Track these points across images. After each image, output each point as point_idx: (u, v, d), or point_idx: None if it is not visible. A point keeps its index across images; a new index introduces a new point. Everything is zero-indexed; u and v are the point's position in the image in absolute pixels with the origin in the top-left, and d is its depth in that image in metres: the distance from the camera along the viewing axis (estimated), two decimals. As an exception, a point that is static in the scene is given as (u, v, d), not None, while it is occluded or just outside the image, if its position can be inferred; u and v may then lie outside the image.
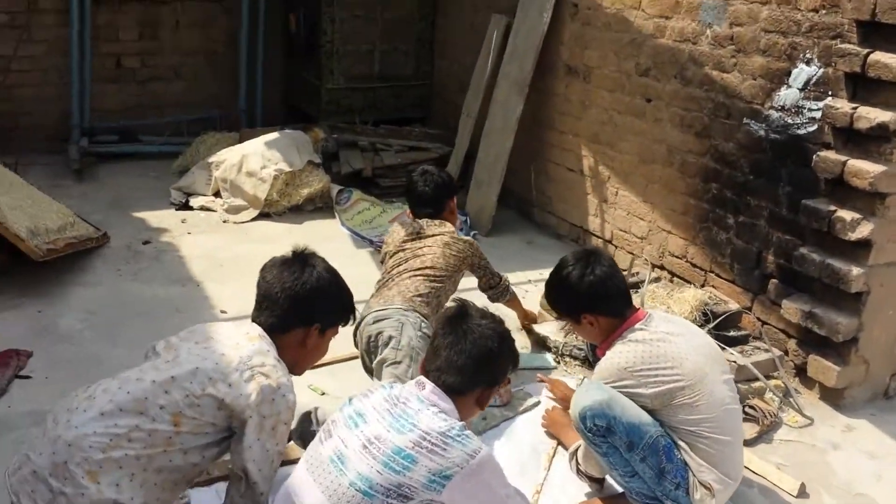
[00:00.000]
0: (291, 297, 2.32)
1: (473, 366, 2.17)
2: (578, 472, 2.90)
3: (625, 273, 4.28)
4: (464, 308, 2.29)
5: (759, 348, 3.73)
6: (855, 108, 3.28)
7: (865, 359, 3.51)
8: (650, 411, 2.60)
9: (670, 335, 2.63)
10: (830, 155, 3.40)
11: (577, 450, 2.89)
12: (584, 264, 2.69)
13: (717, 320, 3.74)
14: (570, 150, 5.26)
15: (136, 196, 5.87)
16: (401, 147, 6.36)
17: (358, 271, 4.79)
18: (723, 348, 3.59)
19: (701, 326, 3.71)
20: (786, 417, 3.46)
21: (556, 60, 5.26)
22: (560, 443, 3.14)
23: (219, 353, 2.21)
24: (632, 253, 4.75)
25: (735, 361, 3.54)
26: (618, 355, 2.62)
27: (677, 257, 4.43)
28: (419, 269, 3.34)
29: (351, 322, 2.54)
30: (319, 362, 2.90)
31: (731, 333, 3.76)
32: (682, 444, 2.61)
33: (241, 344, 2.25)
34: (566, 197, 5.36)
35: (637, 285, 4.18)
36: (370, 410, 2.12)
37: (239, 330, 2.34)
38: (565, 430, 3.13)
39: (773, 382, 3.60)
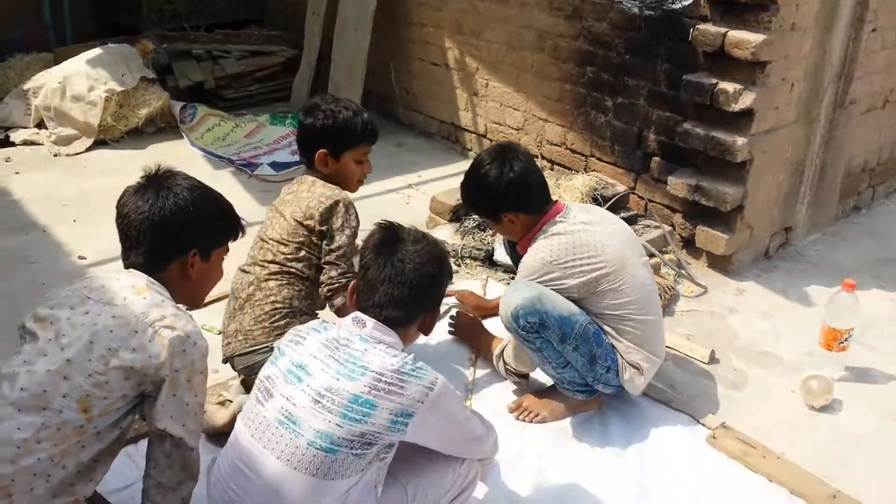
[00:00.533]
0: (153, 228, 1.99)
1: (415, 296, 2.00)
2: (507, 371, 2.87)
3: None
4: (394, 232, 2.08)
5: (648, 226, 3.83)
6: (732, -22, 3.29)
7: (750, 224, 3.68)
8: (576, 301, 2.59)
9: (589, 224, 2.61)
10: (710, 28, 3.43)
11: (503, 350, 2.85)
12: (500, 162, 2.58)
13: (608, 203, 3.78)
14: (432, 42, 5.03)
15: (-59, 137, 5.09)
16: (242, 53, 5.87)
17: (226, 196, 4.46)
18: (619, 230, 3.67)
19: (594, 211, 3.75)
20: (682, 289, 3.60)
21: (407, -53, 4.96)
22: (475, 347, 3.10)
23: (109, 317, 1.90)
24: (507, 144, 4.68)
25: (633, 242, 3.61)
26: (541, 250, 2.57)
27: (556, 145, 4.41)
28: None
29: (241, 235, 2.21)
30: (212, 297, 2.67)
31: (622, 215, 3.77)
32: (608, 328, 2.64)
33: (129, 299, 1.94)
34: (433, 93, 5.17)
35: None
36: (311, 360, 1.91)
37: (120, 283, 2.00)
38: (477, 333, 3.10)
39: (666, 257, 3.71)
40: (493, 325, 3.09)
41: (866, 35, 3.73)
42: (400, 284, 1.97)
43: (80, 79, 5.12)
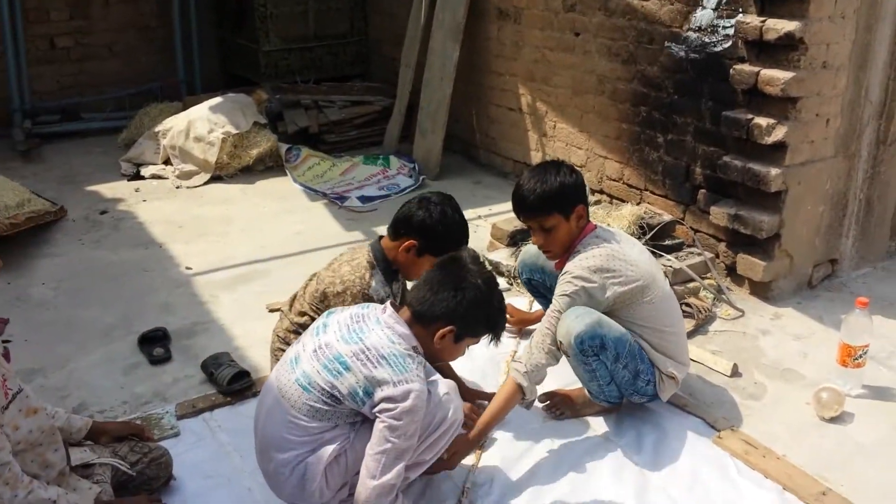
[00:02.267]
0: None
1: (445, 297, 2.23)
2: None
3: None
4: (457, 255, 2.39)
5: (692, 253, 4.05)
6: (763, 21, 3.55)
7: (789, 253, 3.84)
8: (607, 314, 2.79)
9: (620, 243, 2.85)
10: (745, 67, 3.68)
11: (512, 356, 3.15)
12: (556, 167, 2.83)
13: (653, 231, 4.04)
14: (507, 90, 5.48)
15: (86, 171, 5.94)
16: (344, 102, 6.50)
17: (316, 224, 5.03)
18: (659, 255, 3.92)
19: (639, 238, 4.01)
20: (719, 312, 3.79)
21: (487, 5, 5.45)
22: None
23: None
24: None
25: (671, 266, 3.85)
26: (586, 259, 2.75)
27: (614, 180, 4.71)
28: None
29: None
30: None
31: (667, 242, 4.06)
32: (644, 343, 2.85)
33: None
34: (508, 136, 5.59)
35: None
36: (334, 323, 2.30)
37: None
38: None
39: (706, 282, 3.92)
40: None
41: (909, 74, 3.87)
42: (440, 283, 2.28)
43: (203, 122, 5.87)
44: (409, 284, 2.88)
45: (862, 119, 3.82)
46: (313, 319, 2.66)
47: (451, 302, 2.24)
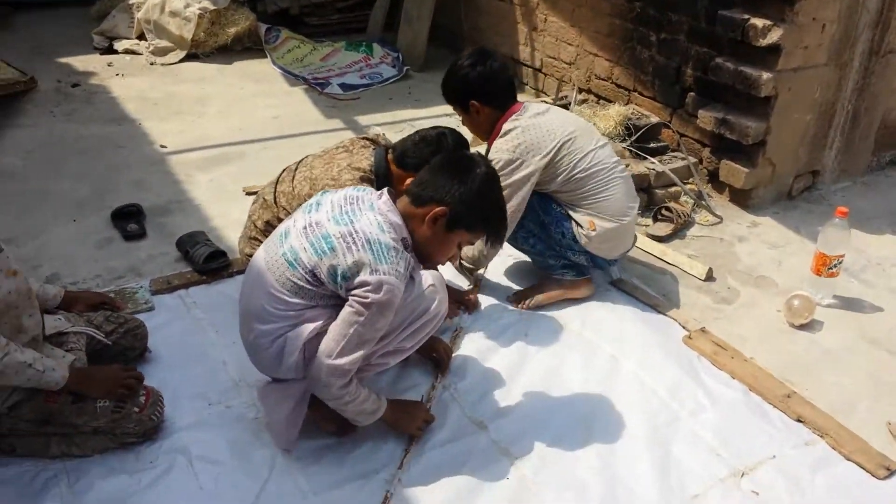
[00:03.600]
0: None
1: (446, 181, 2.16)
2: (461, 266, 3.19)
3: (553, 97, 4.49)
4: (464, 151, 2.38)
5: (676, 157, 4.02)
6: (769, -83, 3.42)
7: (772, 161, 3.82)
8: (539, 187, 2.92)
9: (541, 114, 2.92)
10: (745, -35, 3.57)
11: None
12: (477, 58, 2.89)
13: (639, 133, 3.99)
14: (498, -21, 5.29)
15: (58, 42, 5.72)
16: (327, -16, 6.25)
17: (295, 109, 4.91)
18: (643, 157, 3.89)
19: (623, 139, 3.98)
20: (698, 217, 3.80)
21: None
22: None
23: None
24: (560, 79, 4.92)
25: (654, 168, 3.83)
26: (500, 149, 2.86)
27: (603, 79, 4.62)
28: None
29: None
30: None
31: (652, 145, 4.02)
32: (564, 202, 2.96)
33: None
34: (497, 28, 5.43)
35: (565, 107, 4.37)
36: (327, 202, 2.23)
37: None
38: None
39: (688, 187, 3.91)
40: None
41: (911, -17, 3.78)
42: (463, 197, 2.16)
43: (179, -4, 5.62)
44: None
45: (857, 27, 3.73)
46: None
47: (451, 185, 2.16)
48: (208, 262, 3.15)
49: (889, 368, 2.88)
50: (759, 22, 3.53)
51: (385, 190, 2.24)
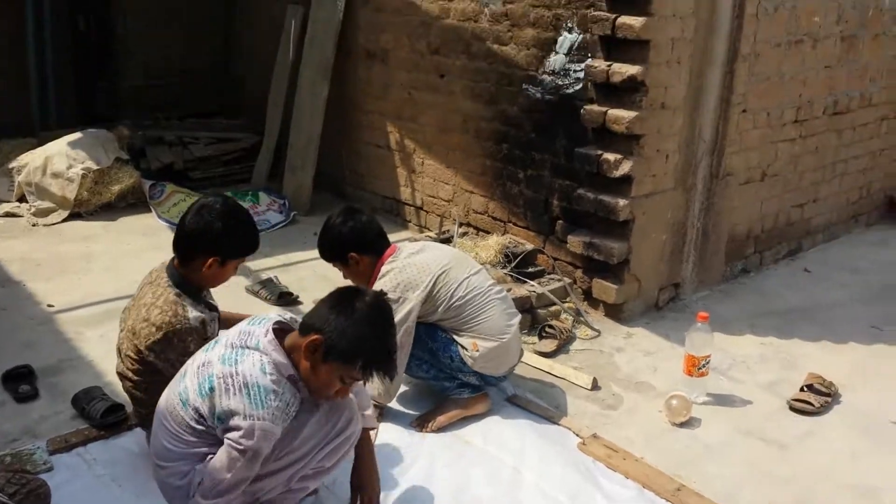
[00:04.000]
0: None
1: (327, 308, 2.21)
2: None
3: (436, 232, 4.79)
4: (358, 288, 2.36)
5: (553, 279, 4.35)
6: (610, 66, 3.93)
7: (637, 277, 4.21)
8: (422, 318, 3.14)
9: (416, 254, 3.20)
10: (594, 107, 4.05)
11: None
12: (345, 216, 3.17)
13: (517, 259, 4.31)
14: (377, 127, 5.67)
15: (-70, 209, 5.60)
16: (209, 139, 6.48)
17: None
18: (524, 281, 4.20)
19: (504, 266, 4.29)
20: (579, 332, 4.09)
21: (356, 45, 5.65)
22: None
23: None
24: (441, 215, 5.25)
25: (534, 291, 4.13)
26: (382, 283, 3.08)
27: (480, 213, 4.98)
28: None
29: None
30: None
31: (530, 269, 4.35)
32: (448, 329, 3.18)
33: None
34: (378, 172, 5.77)
35: (448, 240, 4.68)
36: (223, 338, 2.30)
37: None
38: None
39: (566, 305, 4.22)
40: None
41: (736, 115, 4.37)
42: (342, 334, 2.18)
43: (61, 158, 5.67)
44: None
45: (696, 155, 4.27)
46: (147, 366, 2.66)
47: (330, 315, 2.17)
48: (106, 416, 3.12)
49: (765, 457, 3.16)
50: (611, 156, 3.99)
51: (271, 327, 2.26)
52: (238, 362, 2.18)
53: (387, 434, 3.18)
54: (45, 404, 3.32)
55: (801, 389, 3.51)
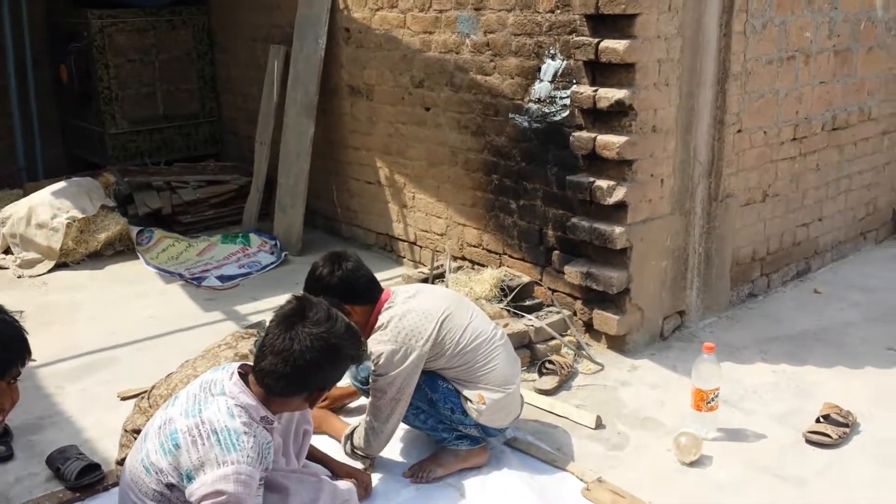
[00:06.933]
0: None
1: (297, 375, 2.11)
2: (354, 453, 3.08)
3: (430, 267, 4.63)
4: (301, 308, 2.20)
5: (552, 312, 4.17)
6: (595, 91, 3.80)
7: (639, 306, 4.03)
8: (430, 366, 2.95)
9: (412, 298, 2.98)
10: (583, 134, 3.91)
11: (351, 433, 3.10)
12: (332, 263, 2.92)
13: (514, 293, 4.15)
14: (365, 164, 5.55)
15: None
16: (198, 182, 6.36)
17: (171, 307, 4.83)
18: (521, 315, 4.02)
19: (500, 301, 4.12)
20: (580, 367, 3.91)
21: (339, 82, 5.55)
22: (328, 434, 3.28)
23: None
24: (435, 249, 5.10)
25: (532, 325, 3.95)
26: (380, 335, 2.88)
27: (474, 246, 4.83)
28: None
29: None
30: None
31: (527, 303, 4.18)
32: (450, 378, 2.98)
33: None
34: (369, 208, 5.64)
35: (441, 275, 4.52)
36: (184, 393, 2.15)
37: None
38: (328, 421, 3.32)
39: (566, 339, 4.05)
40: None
41: (731, 135, 4.23)
42: (284, 361, 2.10)
43: (45, 208, 5.57)
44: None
45: (693, 178, 4.12)
46: None
47: (265, 351, 2.13)
48: (81, 477, 2.96)
49: (781, 495, 2.96)
50: (603, 183, 3.84)
51: (236, 370, 2.14)
52: (202, 410, 2.03)
53: (375, 483, 3.00)
54: (19, 465, 3.17)
55: (818, 420, 3.31)
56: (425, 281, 4.38)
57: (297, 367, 2.09)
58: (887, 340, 4.19)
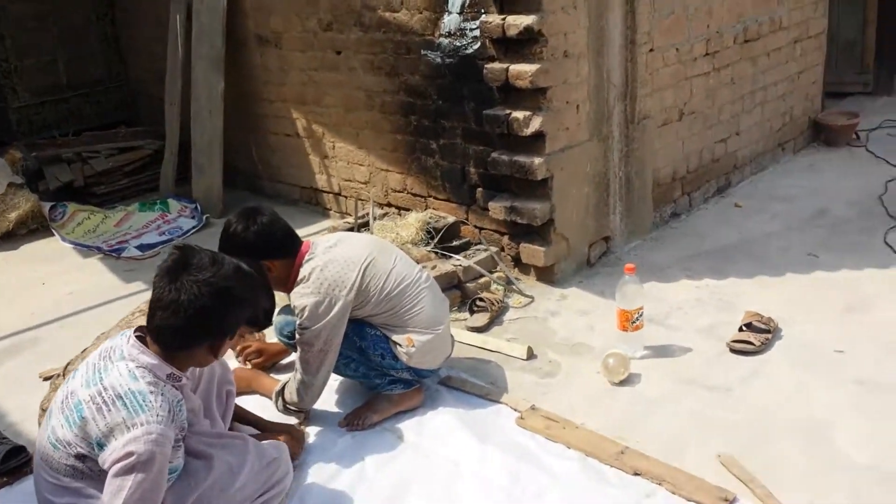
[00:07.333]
0: None
1: (191, 325, 2.04)
2: (286, 408, 3.04)
3: (354, 217, 4.56)
4: (184, 258, 2.09)
5: (479, 250, 4.16)
6: (504, 19, 3.72)
7: (564, 236, 4.03)
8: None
9: (332, 247, 2.91)
10: (496, 65, 3.84)
11: (282, 389, 3.06)
12: (245, 218, 2.81)
13: (440, 234, 4.11)
14: (281, 116, 5.39)
15: None
16: (110, 151, 6.13)
17: (91, 281, 4.67)
18: (449, 256, 4.00)
19: (427, 243, 4.08)
20: (511, 301, 3.91)
21: (246, 32, 5.35)
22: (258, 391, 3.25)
23: None
24: (359, 198, 5.01)
25: (460, 264, 3.93)
26: (303, 287, 2.81)
27: (398, 191, 4.76)
28: None
29: None
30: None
31: (455, 243, 4.15)
32: (378, 325, 2.95)
33: None
34: (290, 162, 5.50)
35: (367, 224, 4.45)
36: (83, 364, 2.08)
37: None
38: (258, 380, 3.28)
39: (496, 275, 4.04)
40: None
41: (644, 55, 4.21)
42: (174, 314, 2.02)
43: (-53, 191, 5.30)
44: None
45: (609, 102, 4.10)
46: None
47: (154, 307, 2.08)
48: (6, 461, 2.87)
49: (709, 404, 3.02)
50: (520, 114, 3.79)
51: (132, 333, 2.07)
52: (103, 378, 1.97)
53: (311, 436, 2.97)
54: (-61, 457, 3.03)
55: (740, 329, 3.38)
56: (350, 230, 4.31)
57: (188, 317, 2.02)
58: (808, 247, 4.29)
